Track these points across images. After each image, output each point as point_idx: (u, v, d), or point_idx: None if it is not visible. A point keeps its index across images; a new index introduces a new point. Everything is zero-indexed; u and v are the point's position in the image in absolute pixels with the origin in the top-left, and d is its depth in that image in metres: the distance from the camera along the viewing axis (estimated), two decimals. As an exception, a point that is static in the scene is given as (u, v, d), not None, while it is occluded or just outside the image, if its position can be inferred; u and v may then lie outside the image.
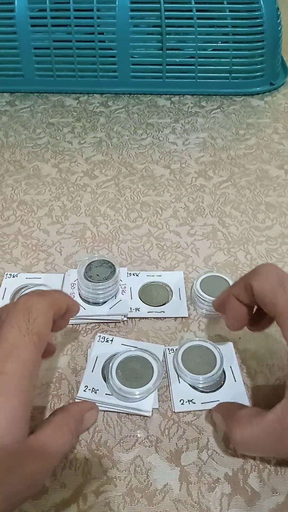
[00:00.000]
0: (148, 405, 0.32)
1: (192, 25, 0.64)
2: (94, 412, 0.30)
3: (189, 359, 0.34)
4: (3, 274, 0.42)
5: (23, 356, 0.25)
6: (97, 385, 0.32)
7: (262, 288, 0.27)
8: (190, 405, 0.32)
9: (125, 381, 0.32)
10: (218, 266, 0.43)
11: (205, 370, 0.33)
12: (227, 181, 0.53)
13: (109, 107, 0.67)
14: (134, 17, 0.64)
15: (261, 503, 0.28)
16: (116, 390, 0.31)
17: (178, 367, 0.33)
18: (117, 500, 0.28)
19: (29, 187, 0.53)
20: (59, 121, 0.64)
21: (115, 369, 0.32)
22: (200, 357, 0.34)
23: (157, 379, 0.32)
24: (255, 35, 0.65)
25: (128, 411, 0.32)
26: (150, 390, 0.32)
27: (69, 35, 0.65)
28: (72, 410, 0.29)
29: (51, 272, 0.42)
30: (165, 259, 0.44)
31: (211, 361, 0.33)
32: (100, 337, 0.36)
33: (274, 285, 0.27)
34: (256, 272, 0.29)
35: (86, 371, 0.33)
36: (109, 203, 0.50)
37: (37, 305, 0.26)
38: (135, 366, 0.33)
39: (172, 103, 0.68)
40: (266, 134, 0.61)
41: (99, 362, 0.34)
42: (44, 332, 0.26)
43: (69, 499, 0.28)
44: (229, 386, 0.33)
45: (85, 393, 0.32)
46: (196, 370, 0.33)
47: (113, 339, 0.36)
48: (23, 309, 0.26)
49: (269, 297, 0.27)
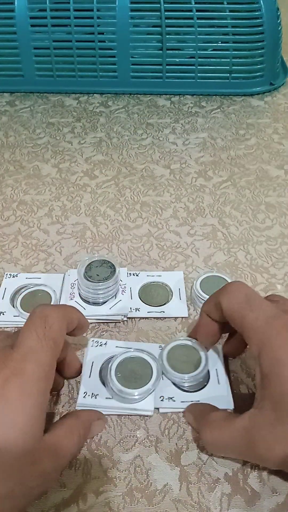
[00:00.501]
0: (150, 404, 0.31)
1: (192, 25, 0.64)
2: (102, 423, 0.31)
3: (174, 358, 0.34)
4: (3, 274, 0.42)
5: (41, 359, 0.26)
6: (96, 390, 0.32)
7: (230, 306, 0.29)
8: (169, 403, 0.32)
9: (125, 383, 0.31)
10: (218, 266, 0.43)
11: (189, 369, 0.33)
12: (227, 181, 0.53)
13: (109, 107, 0.67)
14: (134, 17, 0.64)
15: (261, 503, 0.28)
16: (117, 392, 0.31)
17: (162, 365, 0.33)
18: (117, 500, 0.28)
19: (29, 187, 0.53)
20: (59, 121, 0.64)
21: (114, 371, 0.32)
22: (185, 356, 0.34)
23: (156, 379, 0.32)
24: (255, 35, 0.65)
25: (131, 413, 0.32)
26: (150, 390, 0.32)
27: (69, 35, 0.65)
28: (82, 417, 0.30)
29: (51, 272, 0.42)
30: (165, 259, 0.44)
31: (196, 361, 0.33)
32: (94, 341, 0.35)
33: (241, 303, 0.28)
34: (225, 290, 0.30)
35: (83, 377, 0.33)
36: (109, 203, 0.50)
37: (53, 314, 0.28)
38: (134, 367, 0.33)
39: (172, 103, 0.68)
40: (266, 134, 0.61)
41: (95, 367, 0.34)
42: (59, 339, 0.28)
43: (69, 499, 0.28)
44: (211, 388, 0.33)
45: (84, 399, 0.32)
46: (180, 369, 0.33)
47: (107, 342, 0.35)
48: (41, 317, 0.28)
49: (237, 314, 0.28)
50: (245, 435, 0.26)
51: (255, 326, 0.27)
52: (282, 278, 0.42)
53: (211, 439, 0.28)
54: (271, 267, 0.43)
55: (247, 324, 0.27)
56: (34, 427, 0.25)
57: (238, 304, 0.28)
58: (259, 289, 0.41)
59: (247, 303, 0.28)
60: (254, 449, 0.26)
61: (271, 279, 0.42)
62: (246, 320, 0.28)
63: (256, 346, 0.27)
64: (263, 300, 0.29)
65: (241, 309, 0.28)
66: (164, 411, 0.32)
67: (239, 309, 0.28)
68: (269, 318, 0.27)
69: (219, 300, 0.30)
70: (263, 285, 0.41)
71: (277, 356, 0.25)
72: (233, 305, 0.29)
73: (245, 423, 0.26)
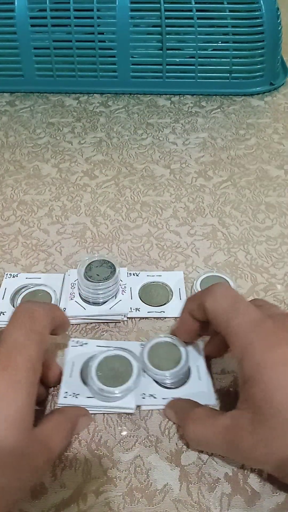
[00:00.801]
0: (131, 402, 0.32)
1: (192, 25, 0.64)
2: (88, 419, 0.31)
3: (155, 355, 0.34)
4: (3, 274, 0.42)
5: (28, 351, 0.26)
6: (77, 389, 0.32)
7: (215, 308, 0.29)
8: (151, 400, 0.32)
9: (106, 381, 0.32)
10: (218, 266, 0.43)
11: (170, 366, 0.33)
12: (227, 181, 0.53)
13: (109, 107, 0.67)
14: (134, 17, 0.64)
15: (261, 503, 0.28)
16: (98, 391, 0.31)
17: (143, 362, 0.33)
18: (117, 500, 0.28)
19: (29, 187, 0.53)
20: (59, 121, 0.64)
21: (94, 370, 0.32)
22: (166, 353, 0.34)
23: (137, 376, 0.32)
24: (255, 35, 0.65)
25: (112, 411, 0.32)
26: (131, 388, 0.32)
27: (69, 35, 0.65)
28: (68, 413, 0.30)
29: (51, 272, 0.42)
30: (165, 259, 0.44)
31: (177, 358, 0.34)
32: (74, 341, 0.36)
33: (225, 307, 0.28)
34: (210, 292, 0.30)
35: (64, 377, 0.33)
36: (109, 203, 0.50)
37: (39, 309, 0.28)
38: (114, 366, 0.33)
39: (172, 103, 0.68)
40: (266, 134, 0.61)
41: (76, 367, 0.34)
42: (45, 333, 0.28)
43: (69, 499, 0.28)
44: (192, 384, 0.33)
45: (65, 399, 0.32)
46: (161, 366, 0.33)
47: (88, 342, 0.36)
48: (26, 312, 0.28)
49: (221, 318, 0.28)
50: (227, 434, 0.26)
51: (239, 331, 0.27)
52: (282, 278, 0.42)
53: (194, 435, 0.28)
54: (271, 267, 0.43)
55: (231, 328, 0.27)
56: (25, 420, 0.25)
57: (223, 309, 0.28)
58: (259, 289, 0.41)
59: (232, 307, 0.28)
60: (236, 448, 0.26)
61: (271, 279, 0.42)
62: (230, 325, 0.28)
63: (239, 350, 0.27)
64: (248, 305, 0.28)
65: (226, 313, 0.28)
66: (146, 408, 0.32)
67: (223, 313, 0.28)
68: (253, 323, 0.27)
69: (203, 301, 0.29)
70: (263, 285, 0.41)
71: (258, 361, 0.25)
72: (217, 308, 0.29)
73: (227, 422, 0.27)
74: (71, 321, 0.38)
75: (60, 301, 0.39)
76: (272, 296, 0.40)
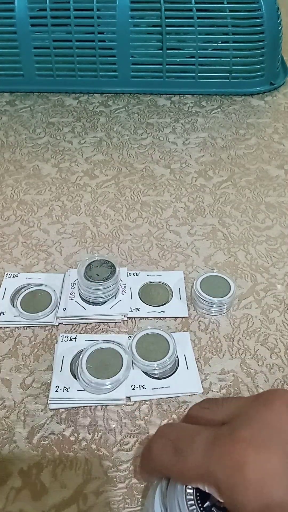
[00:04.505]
0: (121, 393, 0.32)
1: (192, 25, 0.64)
2: None
3: (144, 347, 0.35)
4: (3, 274, 0.42)
5: None
6: (68, 383, 0.33)
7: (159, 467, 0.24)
8: (140, 391, 0.33)
9: (96, 373, 0.32)
10: (218, 266, 0.43)
11: (158, 357, 0.34)
12: (227, 181, 0.53)
13: (109, 107, 0.67)
14: (134, 17, 0.64)
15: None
16: (88, 384, 0.32)
17: (132, 354, 0.34)
18: (117, 500, 0.28)
19: (29, 187, 0.52)
20: (59, 121, 0.64)
21: (84, 363, 0.33)
22: (154, 344, 0.35)
23: (127, 368, 0.33)
24: (255, 35, 0.65)
25: (103, 403, 0.32)
26: (121, 379, 0.32)
27: (69, 35, 0.65)
28: None
29: (51, 272, 0.42)
30: (165, 259, 0.44)
31: (164, 349, 0.34)
32: (63, 336, 0.36)
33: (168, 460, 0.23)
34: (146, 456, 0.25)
35: (55, 372, 0.34)
36: (109, 203, 0.50)
37: None
38: (104, 358, 0.33)
39: (172, 103, 0.68)
40: (266, 134, 0.61)
41: (66, 361, 0.34)
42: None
43: (69, 499, 0.28)
44: (180, 374, 0.34)
45: (57, 393, 0.32)
46: (150, 357, 0.34)
47: (77, 336, 0.36)
48: None
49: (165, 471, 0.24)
50: None
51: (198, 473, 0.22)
52: (282, 278, 0.42)
53: None
54: (271, 267, 0.43)
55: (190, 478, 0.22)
56: None
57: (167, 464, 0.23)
58: (259, 289, 0.41)
59: (174, 456, 0.23)
60: None
61: (271, 279, 0.42)
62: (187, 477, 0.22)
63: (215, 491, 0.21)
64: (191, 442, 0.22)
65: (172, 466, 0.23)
66: (136, 399, 0.33)
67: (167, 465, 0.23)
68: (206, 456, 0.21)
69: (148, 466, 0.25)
70: (263, 285, 0.41)
71: None
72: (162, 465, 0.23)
73: None
74: (71, 321, 0.38)
75: (60, 301, 0.39)
76: (272, 296, 0.40)
